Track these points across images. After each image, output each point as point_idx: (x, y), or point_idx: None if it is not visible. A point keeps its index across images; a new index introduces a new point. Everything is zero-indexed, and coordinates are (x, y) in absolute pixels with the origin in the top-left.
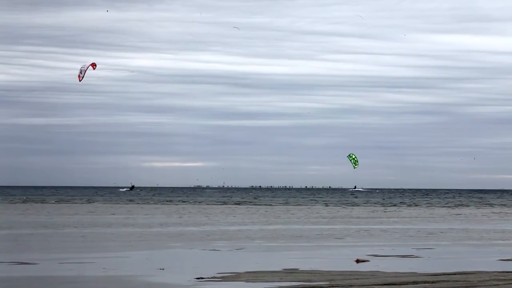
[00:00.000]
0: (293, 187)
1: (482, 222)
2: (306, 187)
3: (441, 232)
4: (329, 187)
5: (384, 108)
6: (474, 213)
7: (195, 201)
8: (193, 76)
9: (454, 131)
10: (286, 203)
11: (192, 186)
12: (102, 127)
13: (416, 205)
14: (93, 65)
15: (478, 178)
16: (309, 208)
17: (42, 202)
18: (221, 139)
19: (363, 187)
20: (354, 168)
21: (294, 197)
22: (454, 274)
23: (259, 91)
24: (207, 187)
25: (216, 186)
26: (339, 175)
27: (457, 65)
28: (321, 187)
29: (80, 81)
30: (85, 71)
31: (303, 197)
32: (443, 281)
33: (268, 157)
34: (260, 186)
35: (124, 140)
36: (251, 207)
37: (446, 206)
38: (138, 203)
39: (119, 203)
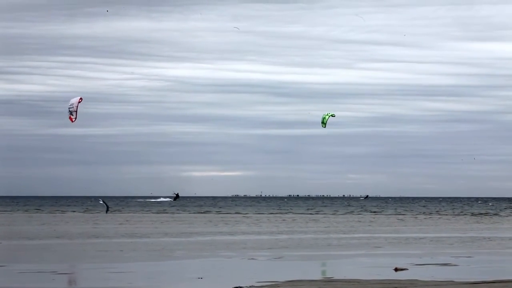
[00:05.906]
0: (331, 195)
1: None
2: (344, 195)
3: (480, 240)
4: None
5: (421, 117)
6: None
7: (230, 211)
8: (229, 86)
9: (491, 138)
10: (337, 213)
11: (230, 195)
12: (139, 137)
13: (454, 213)
14: (80, 99)
15: None
16: (349, 215)
17: (78, 212)
18: (258, 148)
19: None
20: (333, 116)
21: (330, 206)
22: (493, 282)
23: (296, 100)
24: (244, 196)
25: (254, 195)
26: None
27: (493, 72)
28: (358, 195)
29: (73, 122)
30: (76, 110)
31: (340, 205)
32: None
33: (305, 166)
34: (297, 195)
35: (161, 150)
36: (285, 216)
37: (484, 215)
38: (173, 213)
39: (154, 212)
